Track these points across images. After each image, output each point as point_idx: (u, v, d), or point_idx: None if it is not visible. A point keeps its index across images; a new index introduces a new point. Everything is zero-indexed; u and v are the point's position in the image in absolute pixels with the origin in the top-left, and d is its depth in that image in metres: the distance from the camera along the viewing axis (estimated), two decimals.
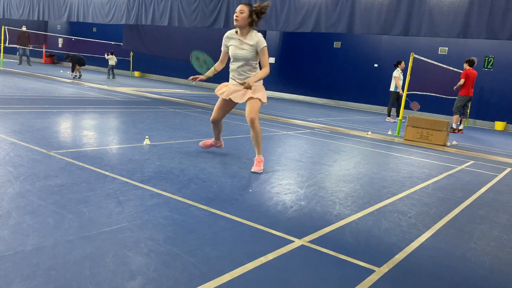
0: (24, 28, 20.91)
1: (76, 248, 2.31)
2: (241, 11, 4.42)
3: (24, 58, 21.07)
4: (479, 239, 3.23)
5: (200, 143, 5.38)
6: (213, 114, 4.96)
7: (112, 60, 18.25)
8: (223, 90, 4.79)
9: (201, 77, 4.80)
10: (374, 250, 2.78)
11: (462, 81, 11.21)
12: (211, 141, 5.31)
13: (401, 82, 12.53)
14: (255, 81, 4.43)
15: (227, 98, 4.72)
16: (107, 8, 16.57)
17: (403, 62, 12.71)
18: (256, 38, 4.48)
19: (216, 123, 5.03)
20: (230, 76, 4.73)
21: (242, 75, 4.62)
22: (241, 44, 4.53)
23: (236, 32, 4.59)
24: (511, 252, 3.05)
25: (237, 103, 4.76)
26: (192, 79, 4.77)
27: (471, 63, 11.30)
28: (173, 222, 2.85)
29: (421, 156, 6.87)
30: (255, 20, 4.48)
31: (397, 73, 12.60)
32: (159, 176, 3.92)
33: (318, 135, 8.02)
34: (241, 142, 6.29)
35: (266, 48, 4.50)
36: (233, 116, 9.58)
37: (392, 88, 12.75)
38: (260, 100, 4.60)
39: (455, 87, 11.57)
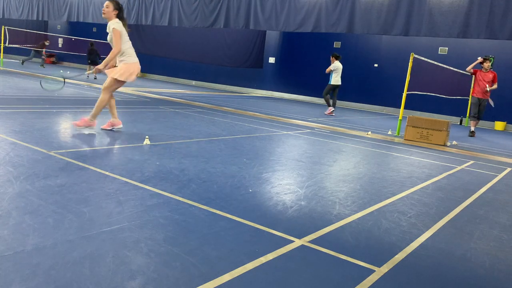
0: (47, 43, 20.90)
1: (76, 248, 2.31)
2: (106, 6, 5.57)
3: (26, 58, 21.05)
4: (479, 239, 3.23)
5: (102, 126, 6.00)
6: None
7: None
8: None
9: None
10: (374, 250, 2.78)
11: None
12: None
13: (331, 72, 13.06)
14: (102, 67, 5.61)
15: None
16: None
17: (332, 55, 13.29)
18: (110, 24, 5.54)
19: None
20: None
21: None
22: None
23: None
24: (511, 252, 3.05)
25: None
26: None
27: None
28: (173, 222, 2.85)
29: (421, 156, 6.87)
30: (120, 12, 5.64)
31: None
32: (159, 176, 3.92)
33: (318, 135, 8.02)
34: (241, 142, 6.29)
35: (115, 30, 5.45)
36: (233, 116, 9.59)
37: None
38: (113, 76, 5.64)
39: (490, 88, 10.90)
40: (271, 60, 20.16)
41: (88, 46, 17.81)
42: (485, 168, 6.43)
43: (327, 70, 13.30)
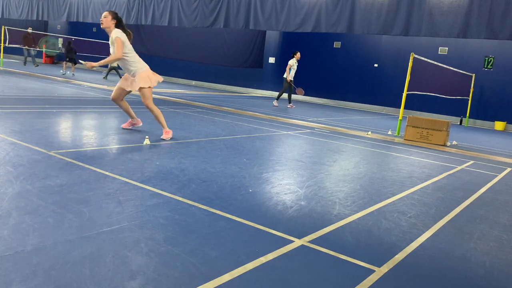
0: (30, 30, 20.87)
1: (76, 248, 2.31)
2: (105, 16, 5.59)
3: (29, 59, 21.10)
4: (479, 239, 3.23)
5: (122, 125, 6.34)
6: (113, 93, 6.03)
7: None
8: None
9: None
10: (374, 250, 2.78)
11: None
12: (128, 121, 6.33)
13: (293, 72, 13.51)
14: (97, 64, 5.45)
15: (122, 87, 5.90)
16: (107, 8, 16.54)
17: (298, 53, 13.69)
18: (112, 34, 5.53)
19: (117, 103, 6.07)
20: None
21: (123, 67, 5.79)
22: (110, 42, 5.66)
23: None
24: (511, 252, 3.05)
25: (129, 90, 5.89)
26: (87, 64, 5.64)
27: None
28: (173, 222, 2.85)
29: (421, 156, 6.87)
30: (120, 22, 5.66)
31: (292, 62, 13.45)
32: (159, 176, 3.92)
33: (318, 135, 8.02)
34: (241, 142, 6.29)
35: (117, 38, 5.45)
36: (233, 116, 9.59)
37: (285, 75, 13.58)
38: (144, 87, 5.74)
39: None
40: (271, 60, 20.16)
41: (66, 45, 18.10)
42: (485, 168, 6.43)
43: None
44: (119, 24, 5.68)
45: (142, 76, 5.75)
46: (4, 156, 4.01)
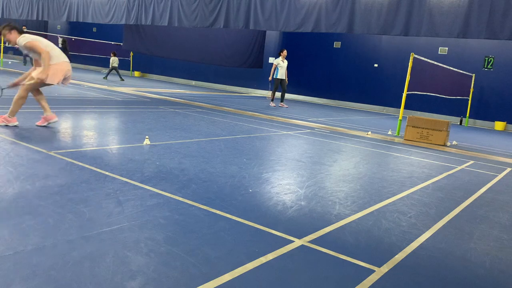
0: (24, 29, 20.94)
1: (76, 248, 2.31)
2: (3, 35, 5.50)
3: (28, 58, 21.17)
4: (479, 239, 3.23)
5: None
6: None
7: (113, 61, 18.02)
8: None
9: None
10: (374, 250, 2.78)
11: None
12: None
13: (282, 70, 13.47)
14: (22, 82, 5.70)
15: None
16: (107, 8, 16.54)
17: (285, 51, 13.74)
18: (21, 41, 5.39)
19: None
20: None
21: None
22: None
23: None
24: (511, 252, 3.05)
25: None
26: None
27: None
28: (173, 222, 2.85)
29: (421, 156, 6.87)
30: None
31: (276, 61, 13.57)
32: (159, 176, 3.92)
33: (318, 135, 8.02)
34: (241, 142, 6.29)
35: (29, 42, 5.36)
36: (233, 116, 9.59)
37: (274, 76, 13.69)
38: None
39: None
40: (271, 60, 20.15)
41: (60, 43, 18.28)
42: (485, 168, 6.43)
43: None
44: (19, 30, 5.54)
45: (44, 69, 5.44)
46: (4, 156, 4.01)
